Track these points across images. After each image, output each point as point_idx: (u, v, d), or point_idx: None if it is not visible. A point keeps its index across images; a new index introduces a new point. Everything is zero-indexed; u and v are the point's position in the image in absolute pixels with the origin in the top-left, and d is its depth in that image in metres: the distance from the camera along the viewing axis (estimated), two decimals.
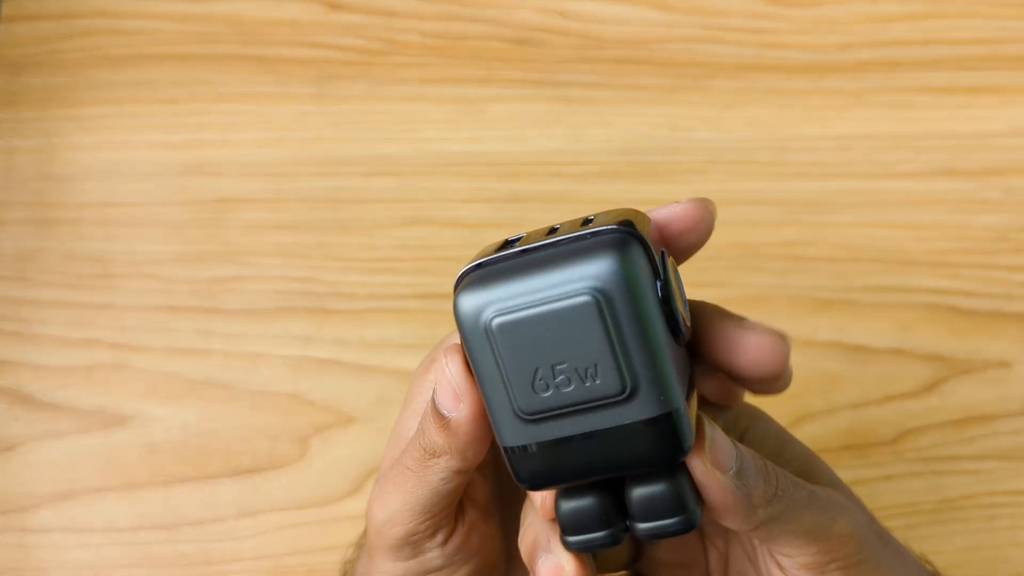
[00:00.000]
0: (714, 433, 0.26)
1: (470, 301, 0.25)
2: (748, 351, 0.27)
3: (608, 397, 0.24)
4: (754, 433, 0.32)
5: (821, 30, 0.55)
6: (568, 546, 0.27)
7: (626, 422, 0.25)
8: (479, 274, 0.25)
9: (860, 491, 0.34)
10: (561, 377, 0.24)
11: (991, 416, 0.48)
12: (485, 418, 0.26)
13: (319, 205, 0.52)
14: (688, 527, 0.26)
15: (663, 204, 0.28)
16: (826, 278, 0.50)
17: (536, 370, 0.25)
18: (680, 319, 0.25)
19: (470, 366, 0.26)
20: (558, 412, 0.25)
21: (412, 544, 0.30)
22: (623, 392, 0.24)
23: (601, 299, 0.24)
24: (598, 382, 0.24)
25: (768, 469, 0.27)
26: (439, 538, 0.30)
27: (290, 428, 0.48)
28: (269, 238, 0.51)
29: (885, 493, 0.48)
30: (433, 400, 0.27)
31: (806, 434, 0.48)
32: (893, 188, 0.52)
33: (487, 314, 0.24)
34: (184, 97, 0.54)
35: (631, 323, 0.24)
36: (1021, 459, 0.48)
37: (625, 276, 0.24)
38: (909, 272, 0.50)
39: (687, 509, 0.26)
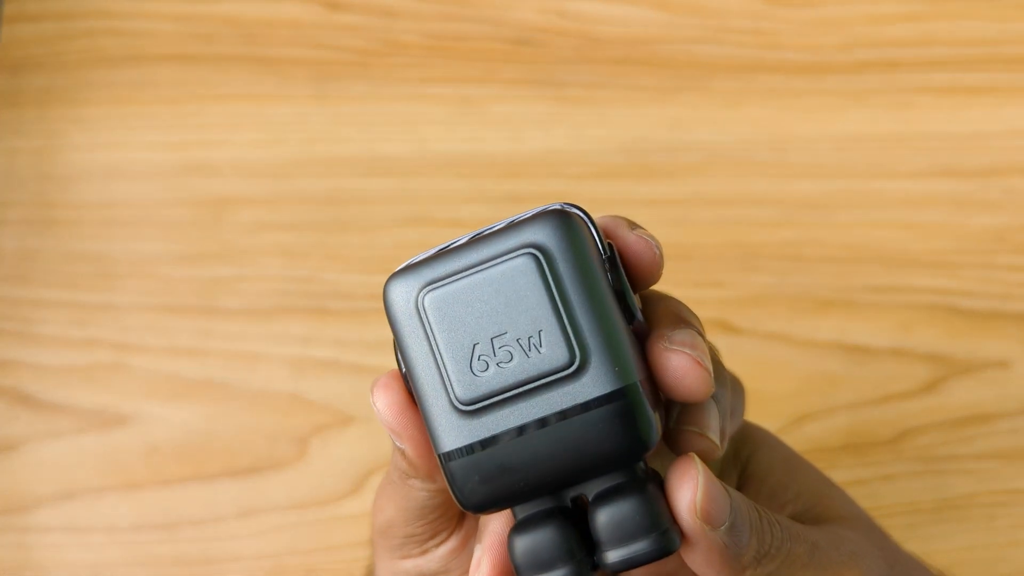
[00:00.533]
0: (707, 482, 0.23)
1: (398, 287, 0.23)
2: (668, 372, 0.24)
3: (555, 371, 0.22)
4: (758, 463, 0.30)
5: (821, 30, 0.55)
6: None
7: (578, 401, 0.22)
8: (406, 267, 0.24)
9: (859, 491, 0.34)
10: (502, 351, 0.22)
11: (990, 416, 0.48)
12: (431, 451, 0.24)
13: (319, 205, 0.52)
14: (664, 550, 0.22)
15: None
16: (826, 278, 0.50)
17: (474, 346, 0.22)
18: (631, 300, 0.23)
19: (404, 374, 0.24)
20: (501, 396, 0.22)
21: (414, 543, 0.29)
22: (572, 363, 0.22)
23: (541, 256, 0.22)
24: (543, 352, 0.22)
25: (764, 523, 0.24)
26: (440, 538, 0.30)
27: (290, 428, 0.48)
28: (269, 238, 0.51)
29: (884, 493, 0.47)
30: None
31: (806, 434, 0.48)
32: (893, 188, 0.52)
33: (417, 294, 0.23)
34: (184, 97, 0.54)
35: (576, 281, 0.22)
36: (1021, 458, 0.48)
37: (568, 235, 0.22)
38: (909, 272, 0.50)
39: (662, 528, 0.23)
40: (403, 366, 0.24)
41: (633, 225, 0.25)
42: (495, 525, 0.25)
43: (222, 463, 0.48)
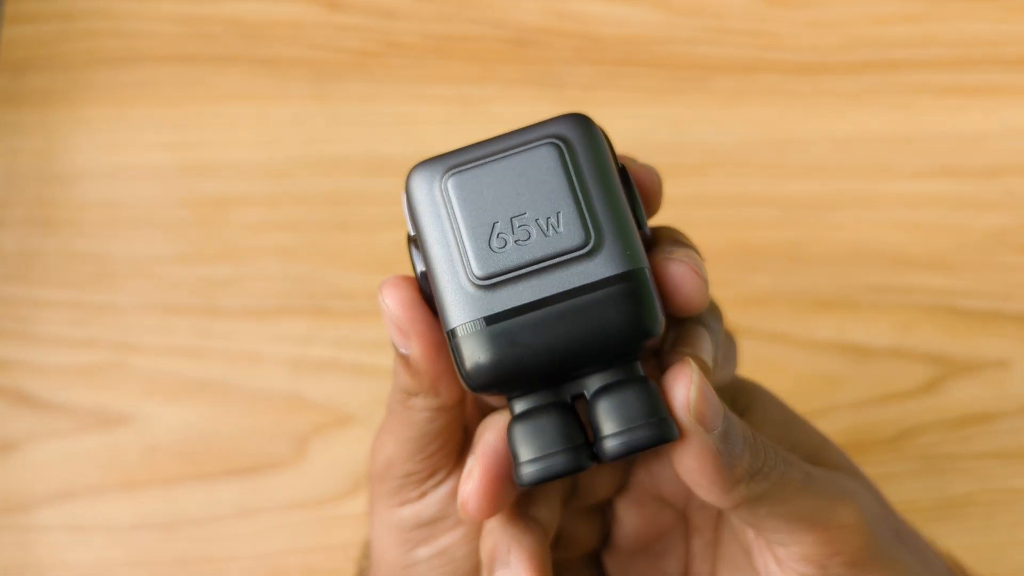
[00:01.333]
0: (701, 381, 0.23)
1: (421, 174, 0.24)
2: (668, 278, 0.25)
3: (571, 250, 0.23)
4: (755, 413, 0.30)
5: (821, 30, 0.55)
6: (522, 479, 0.23)
7: (590, 280, 0.22)
8: (429, 159, 0.25)
9: None
10: (521, 229, 0.23)
11: (990, 415, 0.48)
12: (438, 349, 0.25)
13: (319, 205, 0.52)
14: (662, 437, 0.23)
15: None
16: (826, 278, 0.50)
17: (494, 225, 0.23)
18: (640, 211, 0.24)
19: (422, 254, 0.24)
20: (516, 272, 0.23)
21: (412, 484, 0.28)
22: (587, 243, 0.23)
23: (563, 146, 0.24)
24: (560, 231, 0.23)
25: (758, 442, 0.24)
26: (439, 477, 0.28)
27: (289, 428, 0.48)
28: (269, 238, 0.51)
29: (884, 492, 0.47)
30: (392, 341, 0.26)
31: None
32: (893, 188, 0.52)
33: (441, 178, 0.24)
34: (184, 97, 0.54)
35: (594, 172, 0.23)
36: (1020, 458, 0.48)
37: (589, 133, 0.24)
38: (909, 272, 0.50)
39: (660, 415, 0.23)
40: (418, 259, 0.24)
41: (634, 160, 0.27)
42: (489, 436, 0.26)
43: (222, 463, 0.48)
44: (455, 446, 0.28)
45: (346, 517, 0.47)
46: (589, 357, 0.23)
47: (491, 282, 0.23)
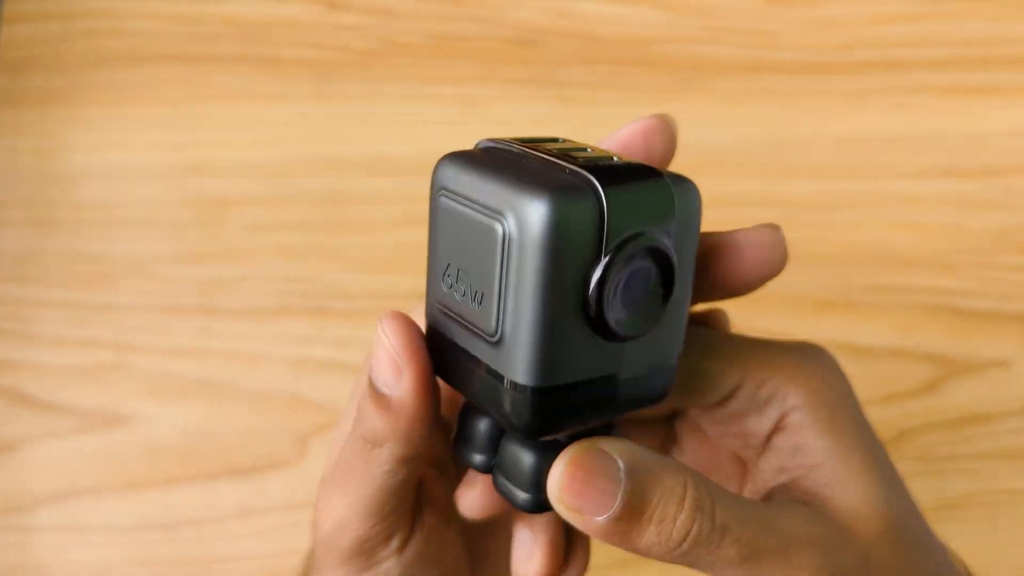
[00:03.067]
0: (577, 472, 0.22)
1: (440, 169, 0.24)
2: (748, 256, 0.26)
3: (483, 332, 0.22)
4: (783, 431, 0.27)
5: (821, 30, 0.55)
6: (457, 455, 0.26)
7: (493, 367, 0.22)
8: (460, 153, 0.24)
9: None
10: (461, 285, 0.23)
11: (990, 416, 0.48)
12: (429, 390, 0.24)
13: (319, 205, 0.52)
14: (532, 509, 0.24)
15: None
16: (826, 278, 0.50)
17: (448, 264, 0.23)
18: (609, 318, 0.22)
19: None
20: (451, 314, 0.24)
21: (365, 552, 0.26)
22: (494, 336, 0.22)
23: (507, 234, 0.21)
24: (479, 309, 0.22)
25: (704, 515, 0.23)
26: (394, 544, 0.27)
27: (290, 428, 0.48)
28: (269, 238, 0.51)
29: None
30: (370, 380, 0.25)
31: None
32: (893, 188, 0.52)
33: (441, 188, 0.24)
34: (184, 97, 0.54)
35: (523, 276, 0.21)
36: (1020, 458, 0.48)
37: (543, 228, 0.21)
38: (909, 272, 0.50)
39: (538, 490, 0.24)
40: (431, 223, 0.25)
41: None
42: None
43: (222, 463, 0.48)
44: (410, 507, 0.27)
45: None
46: (489, 414, 0.25)
47: (439, 307, 0.24)
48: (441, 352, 0.24)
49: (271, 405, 0.48)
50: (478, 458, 0.26)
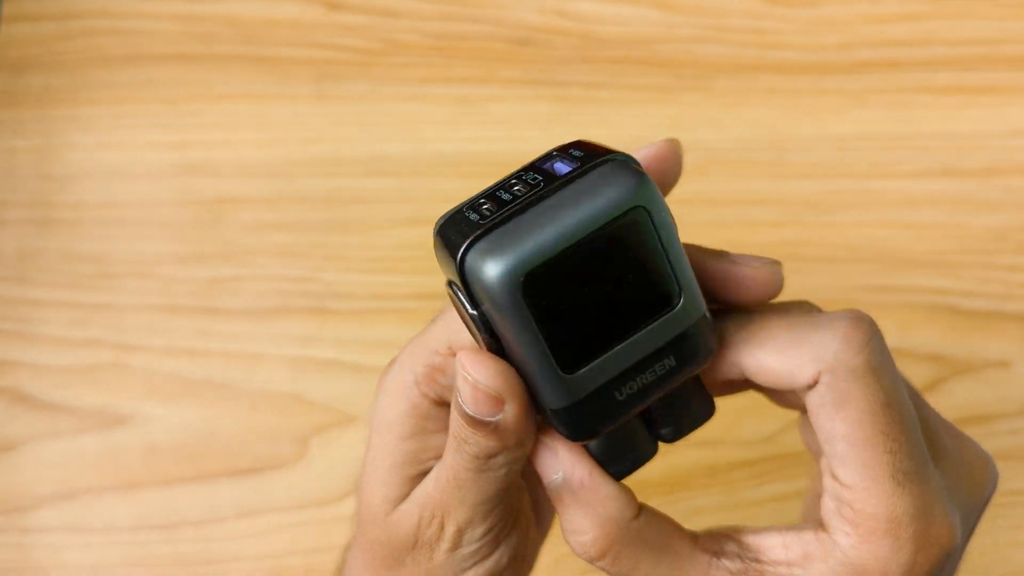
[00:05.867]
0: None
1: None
2: (746, 285, 0.27)
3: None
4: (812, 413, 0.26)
5: (821, 30, 0.55)
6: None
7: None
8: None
9: None
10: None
11: (990, 416, 0.48)
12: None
13: (319, 205, 0.52)
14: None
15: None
16: (826, 278, 0.50)
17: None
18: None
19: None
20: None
21: (484, 545, 0.28)
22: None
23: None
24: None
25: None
26: (501, 537, 0.29)
27: (290, 428, 0.48)
28: (269, 238, 0.51)
29: None
30: (465, 412, 0.25)
31: None
32: (893, 188, 0.52)
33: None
34: (184, 97, 0.54)
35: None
36: (1021, 459, 0.48)
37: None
38: (909, 272, 0.50)
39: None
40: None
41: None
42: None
43: (222, 463, 0.48)
44: (514, 505, 0.29)
45: (347, 518, 0.47)
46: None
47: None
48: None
49: (271, 405, 0.48)
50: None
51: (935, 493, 0.26)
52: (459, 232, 0.24)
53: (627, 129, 0.53)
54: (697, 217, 0.51)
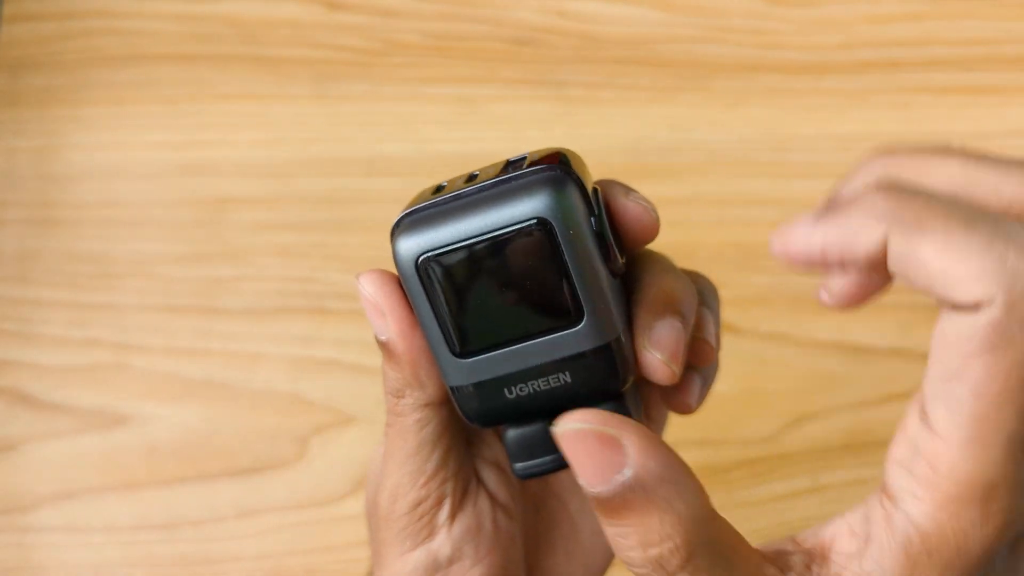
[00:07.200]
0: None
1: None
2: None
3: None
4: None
5: (821, 30, 0.55)
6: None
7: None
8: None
9: (860, 491, 0.33)
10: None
11: None
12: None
13: (319, 205, 0.52)
14: None
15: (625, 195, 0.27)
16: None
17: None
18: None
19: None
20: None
21: (420, 518, 0.28)
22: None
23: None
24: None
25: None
26: (444, 511, 0.28)
27: (290, 428, 0.48)
28: (269, 238, 0.51)
29: None
30: (375, 337, 0.27)
31: (805, 434, 0.48)
32: None
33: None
34: (184, 97, 0.54)
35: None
36: None
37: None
38: None
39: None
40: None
41: (628, 190, 0.27)
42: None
43: (222, 463, 0.48)
44: (456, 469, 0.29)
45: (347, 518, 0.47)
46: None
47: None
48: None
49: (271, 405, 0.48)
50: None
51: None
52: (410, 203, 0.27)
53: (627, 129, 0.53)
54: (697, 217, 0.51)
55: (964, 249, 0.20)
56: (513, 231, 0.24)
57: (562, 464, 0.26)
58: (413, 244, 0.25)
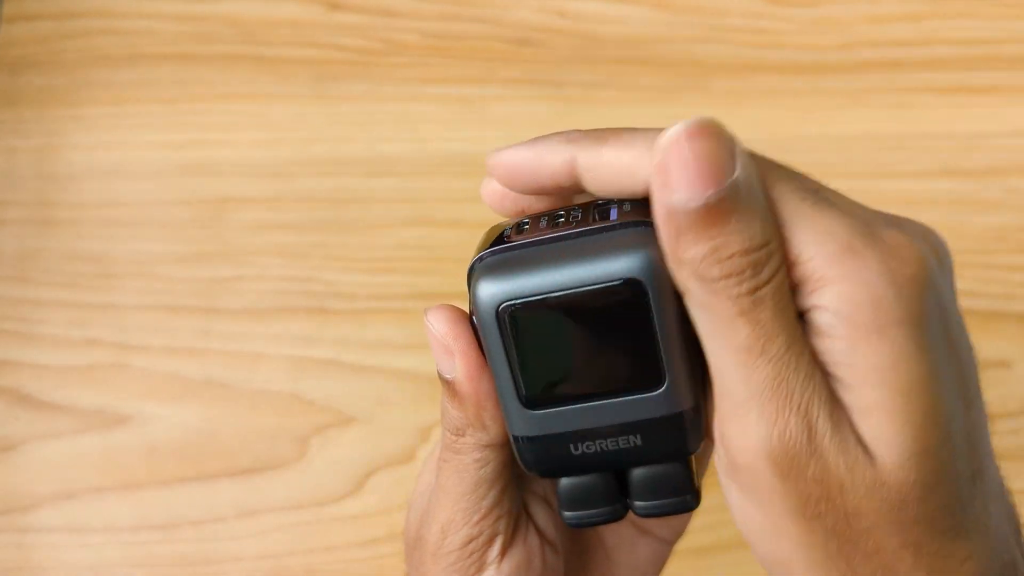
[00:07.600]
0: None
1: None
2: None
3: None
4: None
5: (821, 30, 0.55)
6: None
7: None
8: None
9: None
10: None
11: (991, 416, 0.48)
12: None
13: (319, 205, 0.52)
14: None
15: None
16: None
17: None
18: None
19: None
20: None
21: (470, 555, 0.28)
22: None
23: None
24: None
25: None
26: (496, 548, 0.28)
27: (290, 428, 0.48)
28: (269, 238, 0.51)
29: None
30: (438, 374, 0.26)
31: None
32: (893, 188, 0.52)
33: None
34: (184, 97, 0.54)
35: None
36: (1020, 458, 0.48)
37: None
38: None
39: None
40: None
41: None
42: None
43: (222, 463, 0.48)
44: (507, 511, 0.28)
45: (347, 518, 0.47)
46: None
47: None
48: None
49: (271, 405, 0.48)
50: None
51: (867, 217, 0.24)
52: (489, 239, 0.25)
53: None
54: None
55: (634, 146, 0.24)
56: (602, 288, 0.23)
57: (614, 516, 0.26)
58: (497, 290, 0.24)
